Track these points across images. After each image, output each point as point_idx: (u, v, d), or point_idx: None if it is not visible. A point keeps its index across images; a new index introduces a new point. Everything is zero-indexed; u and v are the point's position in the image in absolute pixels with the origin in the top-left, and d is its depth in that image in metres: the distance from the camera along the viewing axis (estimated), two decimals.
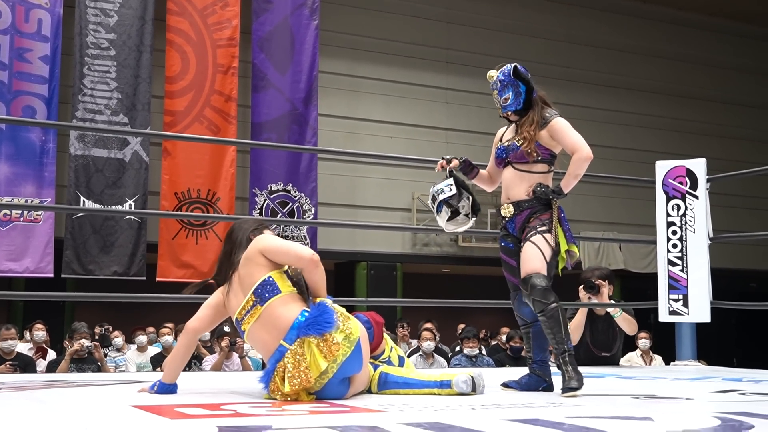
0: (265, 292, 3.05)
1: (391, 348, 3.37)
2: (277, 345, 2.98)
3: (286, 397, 2.92)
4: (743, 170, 6.35)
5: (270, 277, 3.07)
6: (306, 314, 2.99)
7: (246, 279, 3.10)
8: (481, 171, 3.82)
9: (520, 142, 3.54)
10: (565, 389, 3.29)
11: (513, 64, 3.60)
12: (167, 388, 3.14)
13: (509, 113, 3.62)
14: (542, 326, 3.41)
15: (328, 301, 3.09)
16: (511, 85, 3.58)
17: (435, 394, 3.13)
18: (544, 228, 3.46)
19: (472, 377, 3.17)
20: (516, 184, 3.57)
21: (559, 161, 3.64)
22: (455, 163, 3.72)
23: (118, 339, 8.28)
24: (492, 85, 3.64)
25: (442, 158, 3.75)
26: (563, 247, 3.46)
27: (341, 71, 11.91)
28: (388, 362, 3.31)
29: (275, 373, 2.96)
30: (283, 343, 2.96)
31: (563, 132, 3.54)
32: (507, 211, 3.58)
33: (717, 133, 14.33)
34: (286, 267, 3.15)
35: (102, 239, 9.58)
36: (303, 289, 3.12)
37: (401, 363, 3.38)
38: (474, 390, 3.16)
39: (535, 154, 3.52)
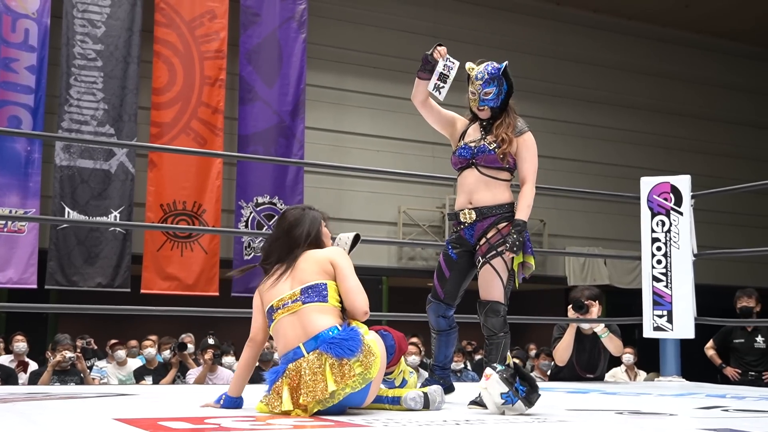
0: (314, 293, 3.01)
1: (401, 371, 3.30)
2: (295, 345, 2.94)
3: (280, 407, 2.88)
4: (728, 187, 6.41)
5: (326, 284, 3.04)
6: (335, 331, 2.93)
7: (302, 274, 3.05)
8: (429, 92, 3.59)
9: (493, 145, 3.45)
10: (473, 402, 3.26)
11: (505, 62, 3.54)
12: (233, 402, 3.08)
13: (483, 108, 3.53)
14: (485, 347, 3.44)
15: (363, 329, 3.00)
16: (497, 80, 3.51)
17: (386, 409, 3.09)
18: (504, 247, 3.38)
19: (424, 394, 3.11)
20: (480, 189, 3.47)
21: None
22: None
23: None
24: (477, 74, 3.53)
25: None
26: (517, 260, 3.41)
27: (328, 84, 11.93)
28: (390, 384, 3.26)
29: (284, 376, 2.91)
30: (301, 347, 2.93)
31: (531, 152, 3.51)
32: (468, 216, 3.48)
33: (702, 150, 14.44)
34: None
35: (86, 250, 9.53)
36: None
37: (403, 384, 3.32)
38: (427, 407, 3.10)
39: (510, 160, 3.46)
